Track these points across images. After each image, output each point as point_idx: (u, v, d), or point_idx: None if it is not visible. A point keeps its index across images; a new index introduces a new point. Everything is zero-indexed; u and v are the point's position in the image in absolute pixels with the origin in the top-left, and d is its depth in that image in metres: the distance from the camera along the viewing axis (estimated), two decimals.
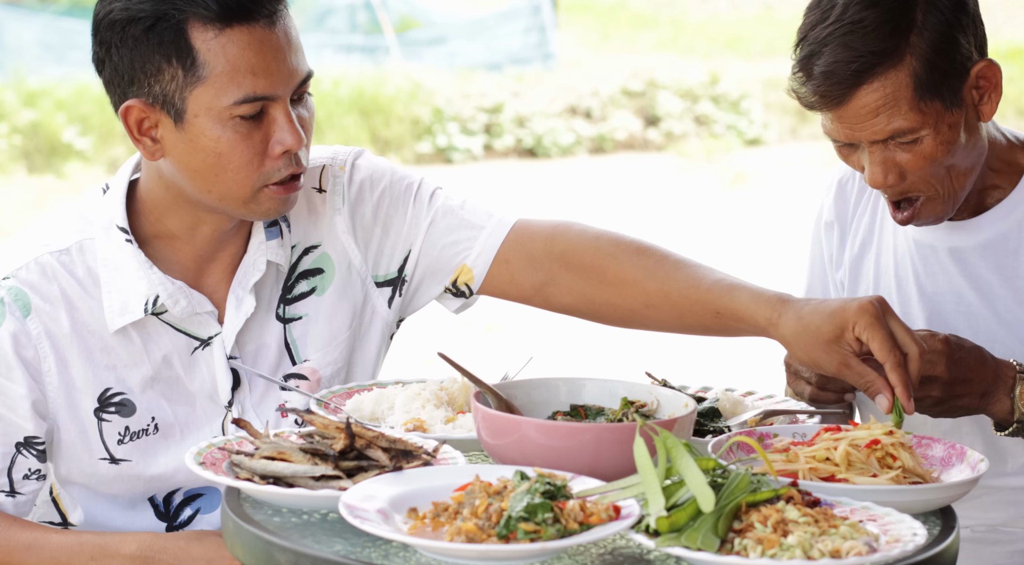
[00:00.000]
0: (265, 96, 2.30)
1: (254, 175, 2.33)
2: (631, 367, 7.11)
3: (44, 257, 2.41)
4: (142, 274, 2.39)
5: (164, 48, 2.28)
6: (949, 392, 2.40)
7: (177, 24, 2.27)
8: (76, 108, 13.82)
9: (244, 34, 2.29)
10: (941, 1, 2.44)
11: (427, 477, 2.00)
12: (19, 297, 2.38)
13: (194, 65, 2.28)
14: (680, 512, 1.83)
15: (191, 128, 2.31)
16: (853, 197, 2.82)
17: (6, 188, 12.57)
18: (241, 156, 2.32)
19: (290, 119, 2.32)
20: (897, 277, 2.73)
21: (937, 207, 2.53)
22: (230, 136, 2.31)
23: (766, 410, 2.39)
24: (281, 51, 2.31)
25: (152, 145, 2.35)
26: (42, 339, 2.38)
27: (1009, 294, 2.63)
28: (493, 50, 17.43)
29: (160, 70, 2.29)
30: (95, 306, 2.41)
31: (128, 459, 2.44)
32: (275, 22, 2.31)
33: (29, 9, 16.36)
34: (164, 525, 2.49)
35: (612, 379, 2.31)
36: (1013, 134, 2.66)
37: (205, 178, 2.34)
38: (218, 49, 2.28)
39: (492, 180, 14.04)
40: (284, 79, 2.32)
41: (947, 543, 1.94)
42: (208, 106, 2.29)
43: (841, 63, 2.42)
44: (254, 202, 2.36)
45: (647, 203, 13.17)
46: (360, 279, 2.58)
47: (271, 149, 2.33)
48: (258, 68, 2.29)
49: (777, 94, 16.63)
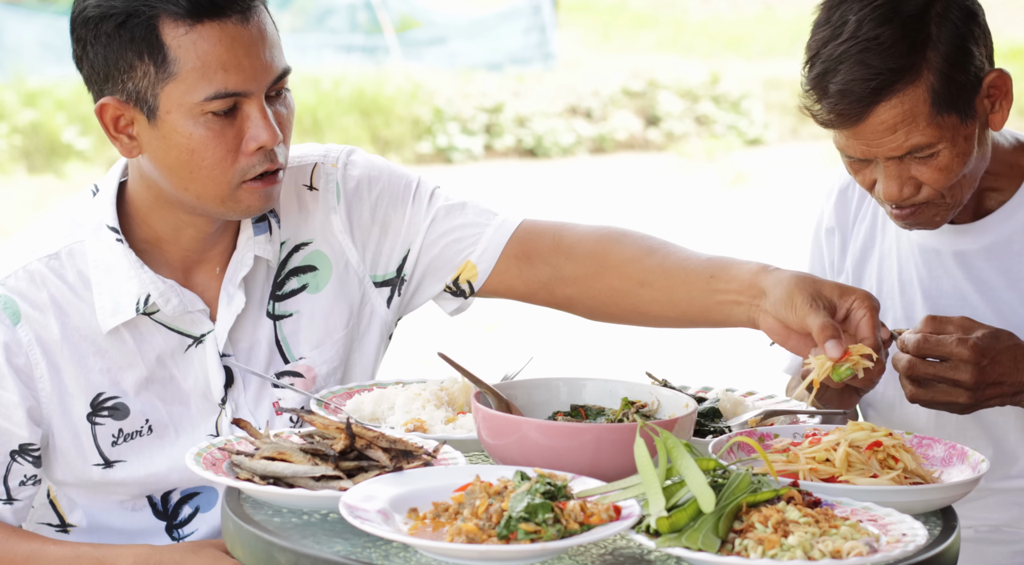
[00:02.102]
0: (237, 92, 2.29)
1: (229, 171, 2.33)
2: (631, 367, 7.11)
3: (33, 264, 2.40)
4: (133, 273, 2.39)
5: (136, 44, 2.28)
6: (977, 397, 2.38)
7: (148, 20, 2.27)
8: (76, 108, 13.82)
9: (215, 30, 2.28)
10: (953, 13, 2.42)
11: (427, 477, 2.00)
12: (8, 305, 2.37)
13: (165, 61, 2.28)
14: (680, 512, 1.83)
15: (164, 125, 2.31)
16: (854, 203, 2.81)
17: (6, 188, 12.57)
18: (214, 152, 2.31)
19: (264, 115, 2.31)
20: (901, 281, 2.72)
21: (939, 212, 2.53)
22: (202, 133, 2.30)
23: (767, 410, 2.39)
24: (254, 47, 2.30)
25: (129, 142, 2.35)
26: (33, 346, 2.38)
27: (1014, 296, 2.62)
28: (493, 50, 17.42)
29: (132, 67, 2.29)
30: (86, 310, 2.40)
31: (122, 459, 2.43)
32: (248, 18, 2.30)
33: (29, 9, 16.35)
34: (163, 524, 2.49)
35: (612, 379, 2.31)
36: (1015, 136, 2.65)
37: (180, 175, 2.33)
38: (189, 45, 2.27)
39: (492, 180, 14.04)
40: (257, 75, 2.30)
41: (948, 543, 1.94)
42: (179, 102, 2.29)
43: (858, 81, 2.39)
44: (232, 200, 2.36)
45: (647, 203, 13.17)
46: (358, 278, 2.57)
47: (245, 145, 2.32)
48: (229, 64, 2.28)
49: (778, 94, 16.63)
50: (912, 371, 2.37)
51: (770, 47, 18.58)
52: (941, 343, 2.36)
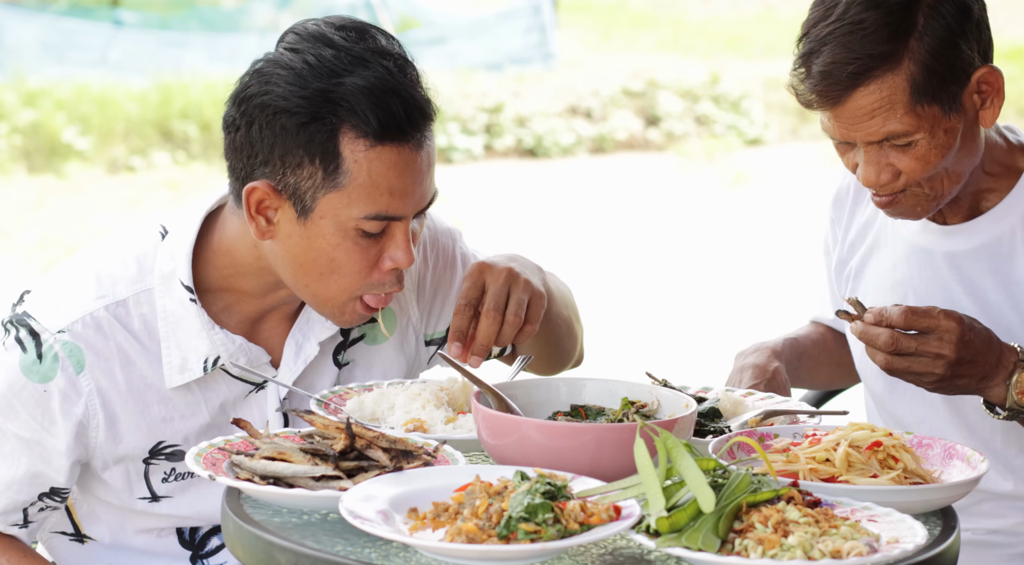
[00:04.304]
0: (395, 216, 2.27)
1: (359, 285, 2.31)
2: (631, 367, 7.11)
3: (100, 312, 2.34)
4: (204, 334, 2.35)
5: (312, 147, 2.23)
6: (953, 372, 2.39)
7: (332, 128, 2.22)
8: (76, 108, 13.81)
9: (393, 154, 2.24)
10: (945, 6, 2.43)
11: (427, 477, 2.00)
12: (73, 353, 2.32)
13: (337, 171, 2.23)
14: (681, 512, 1.83)
15: (313, 227, 2.27)
16: (848, 207, 2.82)
17: (6, 188, 12.57)
18: (354, 265, 2.28)
19: (407, 239, 2.29)
20: (894, 282, 2.72)
21: (920, 203, 2.53)
22: (349, 245, 2.27)
23: (766, 410, 2.39)
24: (420, 175, 2.27)
25: (266, 226, 2.30)
26: (93, 396, 2.33)
27: (1003, 298, 2.62)
28: (493, 50, 17.42)
29: (301, 165, 2.24)
30: (153, 359, 2.36)
31: (170, 496, 2.43)
32: (422, 144, 2.27)
33: (29, 9, 16.35)
34: (188, 552, 2.48)
35: (612, 379, 2.31)
36: (1017, 138, 2.65)
37: (309, 274, 2.30)
38: (364, 163, 2.23)
39: (492, 180, 14.04)
40: (416, 202, 2.28)
41: (948, 543, 1.94)
42: (337, 212, 2.25)
43: (839, 64, 2.41)
44: (342, 308, 2.33)
45: (647, 203, 13.17)
46: (415, 335, 2.59)
47: (382, 263, 2.30)
48: (396, 189, 2.25)
49: (778, 94, 16.62)
50: (896, 344, 2.37)
51: (770, 47, 18.57)
52: (928, 313, 2.37)
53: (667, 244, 11.58)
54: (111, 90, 14.18)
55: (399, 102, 2.22)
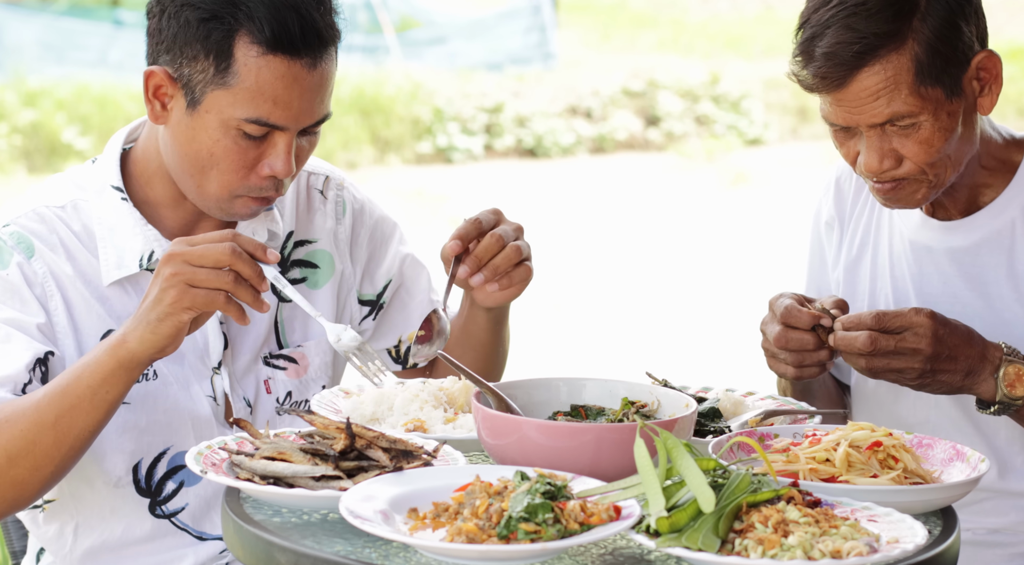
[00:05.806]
0: (275, 125, 2.37)
1: (235, 184, 2.40)
2: (631, 367, 7.11)
3: (42, 209, 2.46)
4: (137, 231, 2.45)
5: (208, 43, 2.34)
6: (932, 367, 2.40)
7: (230, 29, 2.33)
8: (76, 108, 13.82)
9: (282, 66, 2.35)
10: None
11: (427, 477, 2.00)
12: (22, 240, 2.43)
13: (227, 71, 2.34)
14: (681, 512, 1.83)
15: (199, 119, 2.37)
16: (850, 196, 2.82)
17: (6, 188, 12.57)
18: (231, 164, 2.38)
19: (289, 151, 2.39)
20: (893, 278, 2.72)
21: (920, 190, 2.53)
22: (229, 143, 2.37)
23: (767, 410, 2.39)
24: (309, 92, 2.37)
25: (160, 110, 2.41)
26: (48, 279, 2.43)
27: (1008, 291, 2.63)
28: (493, 50, 17.42)
29: (196, 58, 2.35)
30: (91, 259, 2.46)
31: (127, 402, 2.44)
32: (316, 64, 2.37)
33: (29, 9, 16.35)
34: (147, 501, 2.50)
35: (612, 379, 2.31)
36: (1009, 132, 2.66)
37: (191, 166, 2.40)
38: (254, 68, 2.34)
39: (492, 180, 14.04)
40: (300, 117, 2.38)
41: (948, 543, 1.94)
42: (221, 109, 2.35)
43: (843, 44, 2.42)
44: (226, 204, 2.44)
45: (647, 203, 13.18)
46: (348, 289, 2.69)
47: (260, 168, 2.40)
48: (280, 99, 2.35)
49: (778, 94, 16.63)
50: (875, 345, 2.37)
51: (770, 47, 18.57)
52: (899, 314, 2.38)
53: (667, 244, 11.58)
54: (111, 90, 14.20)
55: (296, 18, 2.33)
